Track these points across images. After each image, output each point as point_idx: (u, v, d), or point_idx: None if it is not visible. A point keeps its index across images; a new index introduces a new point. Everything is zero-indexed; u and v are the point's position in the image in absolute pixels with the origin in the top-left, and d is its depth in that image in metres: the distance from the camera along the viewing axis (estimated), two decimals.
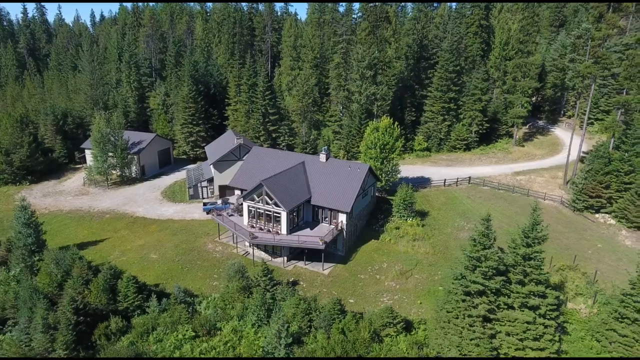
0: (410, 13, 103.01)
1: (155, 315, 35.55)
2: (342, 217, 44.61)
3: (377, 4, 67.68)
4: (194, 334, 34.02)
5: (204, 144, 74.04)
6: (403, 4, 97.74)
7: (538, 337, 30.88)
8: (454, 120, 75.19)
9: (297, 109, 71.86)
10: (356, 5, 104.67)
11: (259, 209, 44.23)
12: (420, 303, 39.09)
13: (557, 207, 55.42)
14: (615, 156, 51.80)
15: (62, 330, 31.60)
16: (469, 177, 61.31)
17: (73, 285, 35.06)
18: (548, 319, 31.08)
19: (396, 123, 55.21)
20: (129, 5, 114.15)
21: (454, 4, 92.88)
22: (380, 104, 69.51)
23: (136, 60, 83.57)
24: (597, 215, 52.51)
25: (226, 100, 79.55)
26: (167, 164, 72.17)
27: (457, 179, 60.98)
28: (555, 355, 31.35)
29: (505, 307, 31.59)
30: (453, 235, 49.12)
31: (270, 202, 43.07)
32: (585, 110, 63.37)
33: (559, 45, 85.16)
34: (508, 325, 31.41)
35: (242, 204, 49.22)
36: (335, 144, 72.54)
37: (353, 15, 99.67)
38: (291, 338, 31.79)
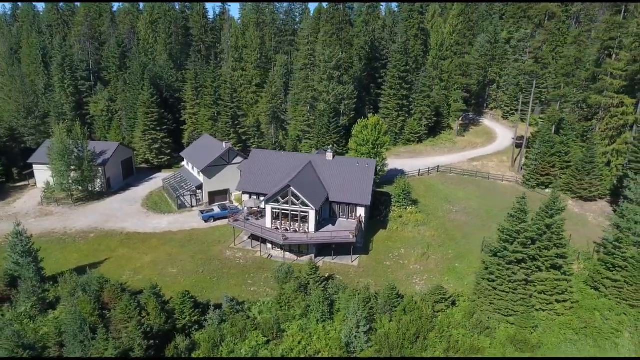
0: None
1: (215, 327, 34.56)
2: (361, 211, 47.27)
3: (339, 6, 70.87)
4: (265, 338, 34.00)
5: (168, 151, 70.22)
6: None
7: (563, 291, 37.39)
8: (407, 115, 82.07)
9: (267, 110, 71.94)
10: (296, 5, 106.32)
11: (284, 210, 44.69)
12: (447, 279, 43.70)
13: (514, 186, 64.85)
14: (557, 140, 62.53)
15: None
16: (437, 166, 68.20)
17: (125, 310, 32.37)
18: (568, 275, 37.80)
19: (381, 120, 59.27)
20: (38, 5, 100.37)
21: (392, 5, 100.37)
22: (347, 102, 73.14)
23: (71, 63, 75.05)
24: (547, 190, 62.73)
25: (183, 103, 75.98)
26: (130, 174, 66.79)
27: (429, 168, 67.42)
28: (572, 306, 38.26)
29: (537, 270, 37.52)
30: (446, 218, 54.87)
31: (297, 202, 43.87)
32: (505, 103, 74.81)
33: (479, 47, 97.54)
34: (540, 285, 37.41)
35: (252, 207, 49.06)
36: (305, 142, 74.22)
37: (293, 15, 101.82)
38: (368, 325, 33.92)
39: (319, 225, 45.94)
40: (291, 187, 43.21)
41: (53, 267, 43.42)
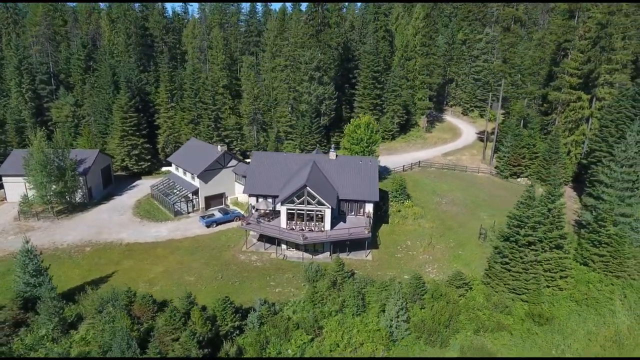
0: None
1: (257, 330, 34.47)
2: (369, 207, 48.87)
3: (318, 8, 72.02)
4: (309, 337, 34.47)
5: (149, 157, 67.20)
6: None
7: (564, 268, 41.61)
8: (380, 114, 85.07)
9: (249, 112, 71.25)
10: (259, 6, 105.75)
11: (299, 210, 45.08)
12: (456, 266, 46.59)
13: (489, 177, 69.99)
14: (525, 134, 68.43)
15: None
16: (419, 162, 71.69)
17: (169, 321, 31.30)
18: (567, 253, 42.13)
19: (373, 120, 61.29)
20: None
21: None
22: (328, 103, 74.47)
23: (29, 66, 69.09)
24: (519, 180, 68.50)
25: (155, 106, 72.91)
26: (109, 183, 63.08)
27: (411, 164, 70.69)
28: (572, 281, 42.65)
29: (542, 251, 41.38)
30: (439, 209, 58.10)
31: (312, 202, 44.48)
32: (464, 100, 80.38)
33: (438, 47, 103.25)
34: (545, 264, 41.32)
35: (260, 209, 48.89)
36: (288, 143, 74.42)
37: (257, 16, 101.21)
38: (407, 314, 35.63)
39: (331, 224, 46.88)
40: (307, 187, 43.75)
41: (57, 285, 40.33)
